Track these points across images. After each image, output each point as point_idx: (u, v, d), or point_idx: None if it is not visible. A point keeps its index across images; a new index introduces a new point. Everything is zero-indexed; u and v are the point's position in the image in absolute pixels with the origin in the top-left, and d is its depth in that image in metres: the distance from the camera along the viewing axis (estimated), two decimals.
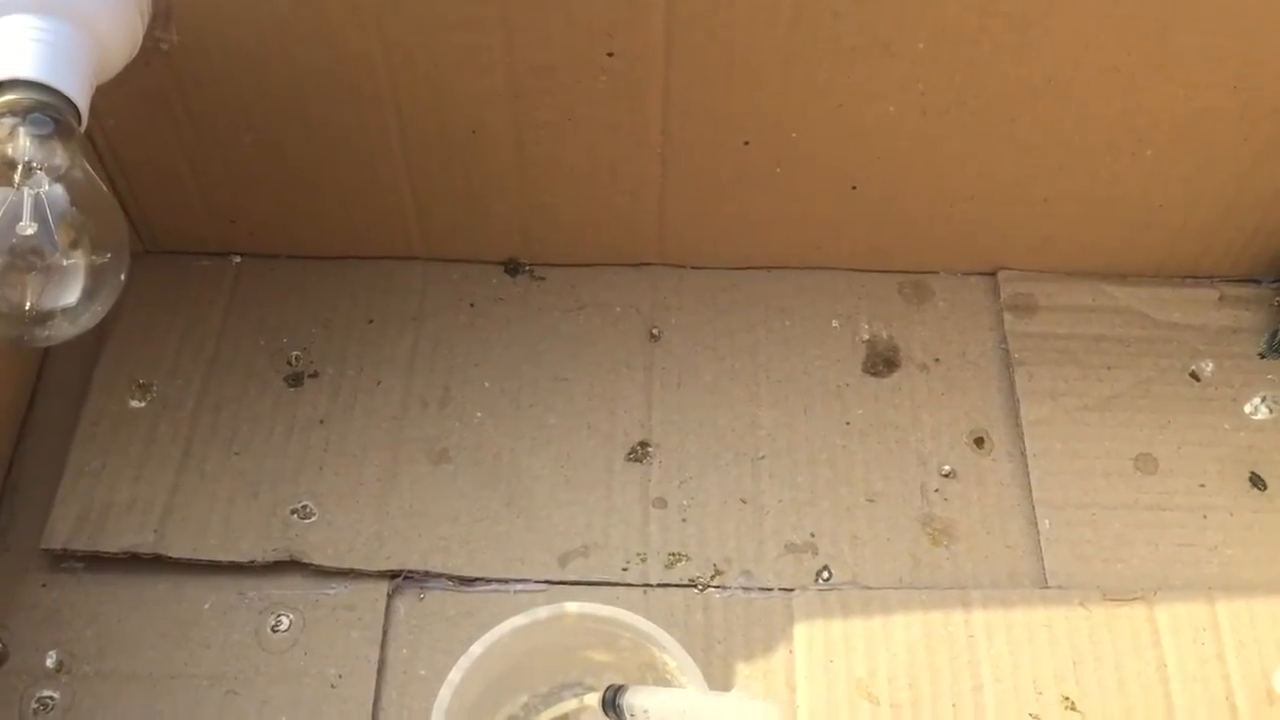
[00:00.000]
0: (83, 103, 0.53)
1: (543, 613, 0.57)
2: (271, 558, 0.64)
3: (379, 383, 0.71)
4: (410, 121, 0.67)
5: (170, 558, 0.64)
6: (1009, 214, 0.73)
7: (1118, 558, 0.65)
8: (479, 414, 0.71)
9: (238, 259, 0.76)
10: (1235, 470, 0.68)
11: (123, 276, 0.54)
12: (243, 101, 0.66)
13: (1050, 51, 0.62)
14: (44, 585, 0.64)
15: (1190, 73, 0.63)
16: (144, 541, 0.64)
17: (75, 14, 0.53)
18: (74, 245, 0.52)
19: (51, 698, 0.61)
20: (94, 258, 0.53)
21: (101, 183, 0.54)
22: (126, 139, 0.68)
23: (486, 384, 0.72)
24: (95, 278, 0.53)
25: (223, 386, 0.71)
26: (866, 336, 0.74)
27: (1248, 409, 0.70)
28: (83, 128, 0.54)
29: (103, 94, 0.56)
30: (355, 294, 0.75)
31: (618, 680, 0.57)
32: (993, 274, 0.76)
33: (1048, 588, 0.64)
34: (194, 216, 0.74)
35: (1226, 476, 0.68)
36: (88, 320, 0.53)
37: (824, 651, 0.63)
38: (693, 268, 0.76)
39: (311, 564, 0.64)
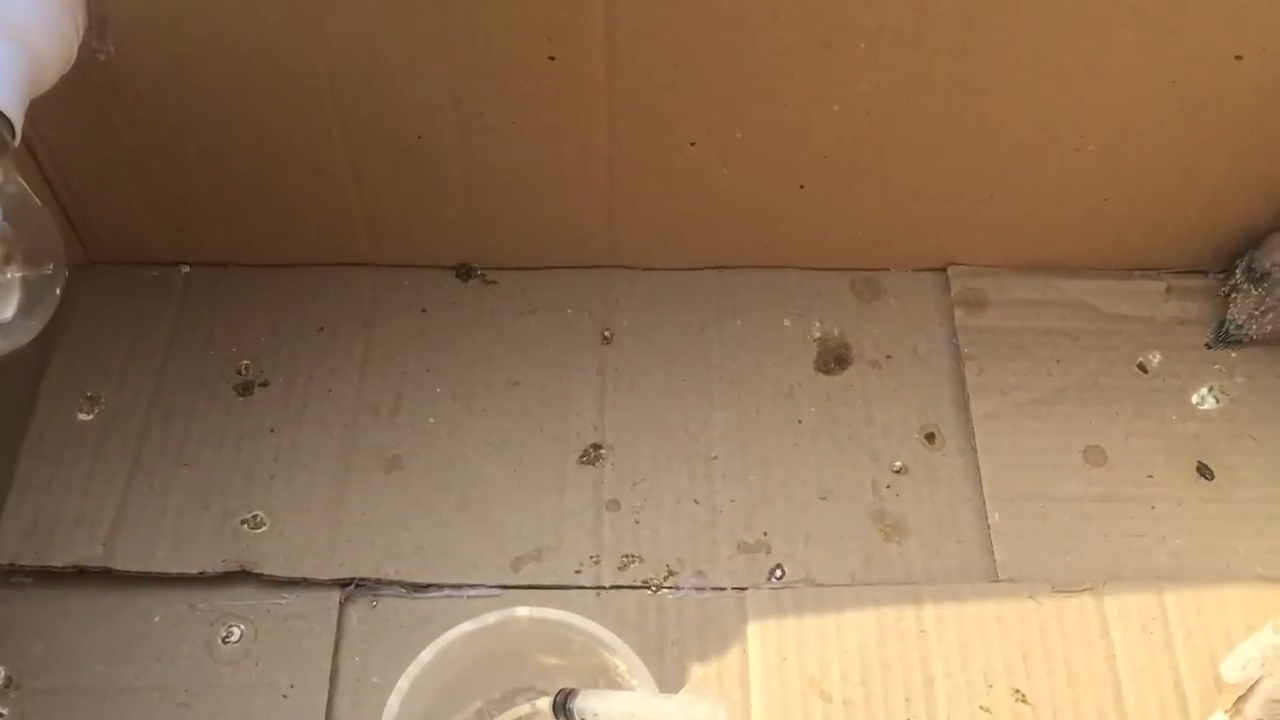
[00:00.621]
0: (16, 116, 0.53)
1: (493, 618, 0.57)
2: (222, 568, 0.64)
3: (329, 391, 0.71)
4: (354, 127, 0.67)
5: (119, 571, 0.64)
6: (957, 211, 0.73)
7: (1067, 549, 0.66)
8: (431, 420, 0.70)
9: (186, 269, 0.76)
10: (1183, 461, 0.69)
11: (58, 291, 0.53)
12: (185, 111, 0.65)
13: (990, 50, 0.63)
14: None
15: (1129, 69, 0.64)
16: (92, 555, 0.64)
17: (6, 27, 0.53)
18: (7, 260, 0.52)
19: (0, 715, 0.60)
20: (29, 273, 0.52)
21: (36, 197, 0.53)
22: (68, 151, 0.68)
23: (438, 389, 0.72)
24: (30, 293, 0.52)
25: (172, 397, 0.70)
26: (818, 335, 0.74)
27: (1195, 399, 0.71)
28: (16, 141, 0.53)
29: (41, 106, 0.56)
30: (305, 302, 0.74)
31: (570, 684, 0.57)
32: (943, 270, 0.76)
33: (998, 580, 0.65)
34: (140, 227, 0.73)
35: (1174, 467, 0.69)
36: (23, 336, 0.53)
37: (777, 650, 0.63)
38: (644, 269, 0.76)
39: (263, 574, 0.64)
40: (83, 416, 0.69)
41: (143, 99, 0.64)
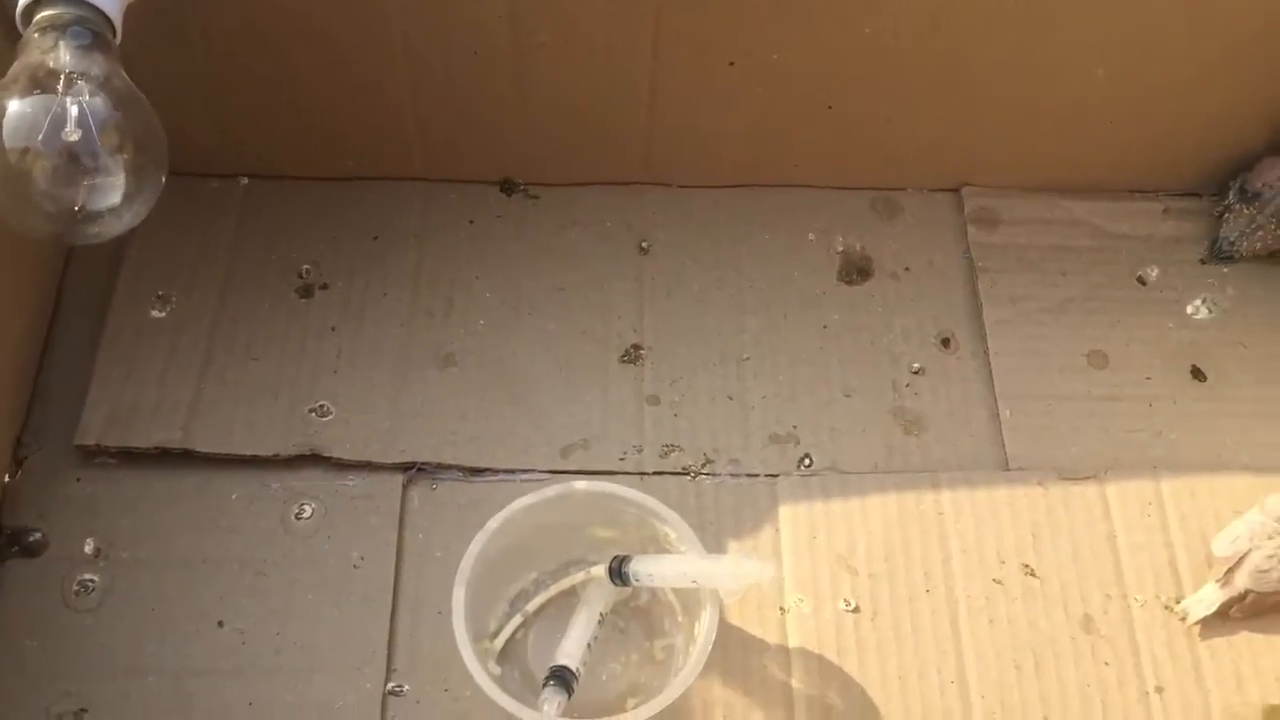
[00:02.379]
0: (116, 17, 0.57)
1: (552, 491, 0.63)
2: (293, 451, 0.69)
3: (385, 294, 0.76)
4: (415, 44, 0.71)
5: (199, 452, 0.68)
6: (973, 133, 0.78)
7: (1072, 442, 0.72)
8: (481, 322, 0.75)
9: (245, 180, 0.80)
10: (1178, 364, 0.75)
11: (163, 177, 0.58)
12: (255, 23, 0.69)
13: None
14: (79, 480, 0.68)
15: None
16: (172, 438, 0.69)
17: None
18: (117, 149, 0.56)
19: (91, 581, 0.65)
20: (135, 160, 0.56)
21: (139, 91, 0.57)
22: (140, 60, 0.70)
23: (488, 294, 0.76)
24: (137, 178, 0.56)
25: (238, 298, 0.75)
26: (841, 248, 0.79)
27: (1189, 310, 0.77)
28: (118, 40, 0.57)
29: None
30: (360, 213, 0.79)
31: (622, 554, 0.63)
32: (957, 190, 0.81)
33: (1009, 470, 0.70)
34: (203, 138, 0.77)
35: (1170, 370, 0.74)
36: (131, 219, 0.57)
37: (807, 530, 0.68)
38: (679, 186, 0.81)
39: (331, 457, 0.69)
40: (156, 314, 0.73)
41: (219, 12, 0.68)
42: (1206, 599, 0.65)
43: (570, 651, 0.60)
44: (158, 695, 0.62)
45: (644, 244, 0.79)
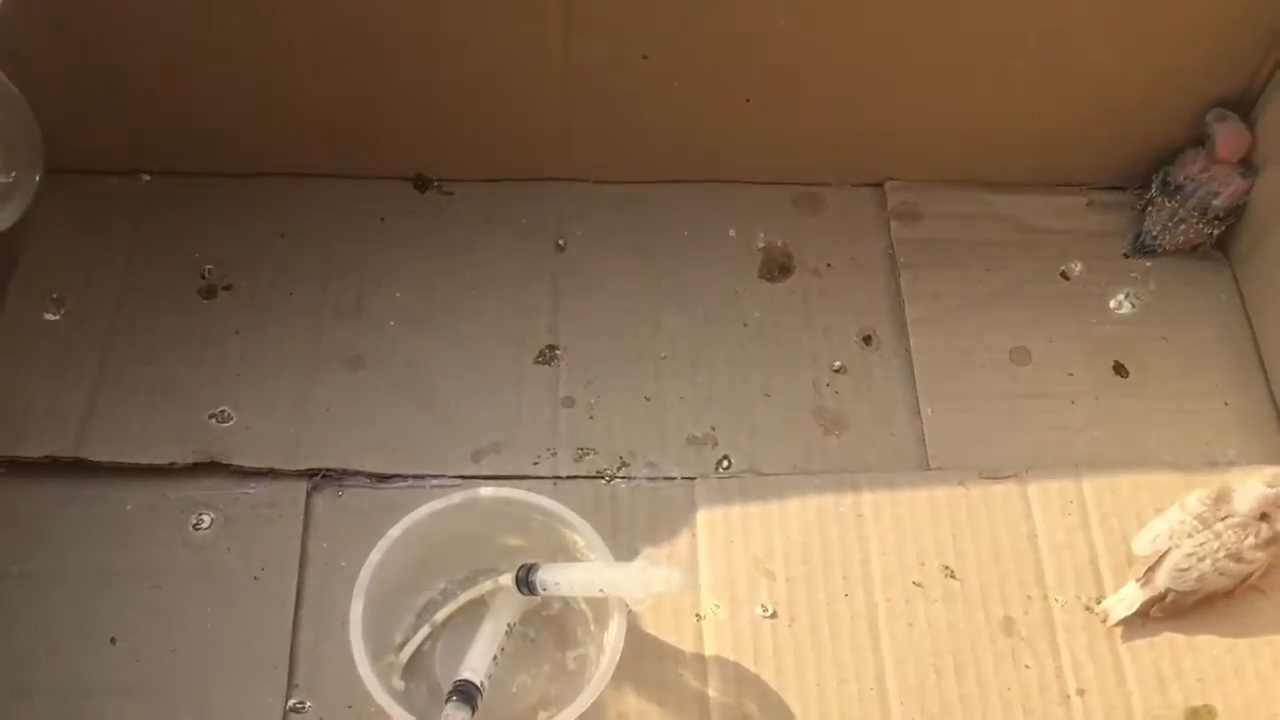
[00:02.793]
0: None
1: (457, 497, 0.61)
2: (191, 459, 0.66)
3: (292, 294, 0.73)
4: (317, 35, 0.68)
5: (91, 461, 0.66)
6: (895, 127, 0.77)
7: (994, 441, 0.70)
8: (392, 322, 0.73)
9: (146, 177, 0.77)
10: (1101, 360, 0.74)
11: (38, 177, 0.55)
12: (152, 17, 0.67)
13: None
14: None
15: None
16: (64, 446, 0.66)
17: None
18: None
19: None
20: (7, 160, 0.54)
21: (11, 84, 0.55)
22: (33, 57, 0.68)
23: (399, 294, 0.74)
24: (10, 178, 0.54)
25: (137, 299, 0.72)
26: (762, 245, 0.78)
27: (1112, 304, 0.76)
28: None
29: (5, 5, 0.57)
30: (266, 210, 0.76)
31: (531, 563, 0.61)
32: (880, 185, 0.80)
33: (930, 469, 0.69)
34: (101, 136, 0.74)
35: (1093, 366, 0.74)
36: (4, 220, 0.55)
37: (725, 533, 0.67)
38: (596, 182, 0.79)
39: (232, 464, 0.66)
40: (50, 317, 0.71)
41: (110, 5, 0.66)
42: (1127, 599, 0.64)
43: (474, 665, 0.58)
44: (45, 717, 0.60)
45: (560, 241, 0.77)
